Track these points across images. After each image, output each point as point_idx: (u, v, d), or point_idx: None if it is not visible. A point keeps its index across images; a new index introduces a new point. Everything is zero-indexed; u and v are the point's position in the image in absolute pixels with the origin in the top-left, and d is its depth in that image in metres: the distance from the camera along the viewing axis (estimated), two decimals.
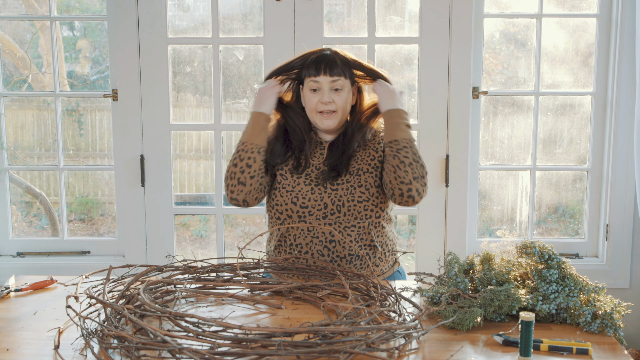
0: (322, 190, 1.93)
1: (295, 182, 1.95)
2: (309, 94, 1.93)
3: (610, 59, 2.79)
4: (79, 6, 3.33)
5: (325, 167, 1.96)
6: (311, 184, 1.94)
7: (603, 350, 1.42)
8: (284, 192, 1.94)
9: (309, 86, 1.92)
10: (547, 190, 3.10)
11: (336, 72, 1.91)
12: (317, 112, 1.92)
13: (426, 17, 2.74)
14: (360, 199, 1.92)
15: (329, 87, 1.91)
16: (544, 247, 1.62)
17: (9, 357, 1.38)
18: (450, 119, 2.78)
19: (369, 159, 1.97)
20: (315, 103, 1.92)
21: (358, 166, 1.95)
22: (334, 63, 1.91)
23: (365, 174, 1.94)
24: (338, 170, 1.93)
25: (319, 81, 1.91)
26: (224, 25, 2.94)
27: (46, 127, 3.54)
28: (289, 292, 1.69)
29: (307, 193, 1.93)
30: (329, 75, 1.90)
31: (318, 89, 1.91)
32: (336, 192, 1.92)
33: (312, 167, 1.97)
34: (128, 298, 1.51)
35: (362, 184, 1.93)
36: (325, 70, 1.90)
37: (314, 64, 1.92)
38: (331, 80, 1.90)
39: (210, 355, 1.20)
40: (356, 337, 1.27)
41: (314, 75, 1.91)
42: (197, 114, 3.64)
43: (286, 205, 1.94)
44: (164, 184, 2.85)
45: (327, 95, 1.91)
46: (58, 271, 2.79)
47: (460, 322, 1.49)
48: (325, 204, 1.91)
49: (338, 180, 1.93)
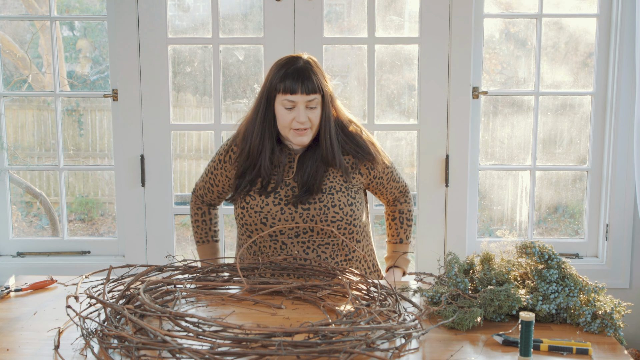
0: (292, 210, 1.84)
1: (263, 202, 1.86)
2: (281, 110, 1.81)
3: (610, 59, 2.79)
4: (79, 6, 3.33)
5: (295, 183, 1.86)
6: (280, 204, 1.85)
7: (603, 350, 1.41)
8: (252, 212, 1.87)
9: (283, 104, 1.81)
10: (547, 190, 3.10)
11: (312, 88, 1.79)
12: (291, 128, 1.83)
13: (426, 17, 2.74)
14: (334, 219, 1.85)
15: (304, 105, 1.80)
16: (544, 247, 1.62)
17: (9, 357, 1.38)
18: (450, 119, 2.78)
19: (341, 179, 1.90)
20: (289, 121, 1.81)
21: (330, 184, 1.87)
22: (309, 78, 1.79)
23: (338, 193, 1.87)
24: (311, 191, 1.84)
25: (295, 100, 1.79)
26: (224, 25, 2.94)
27: (46, 127, 3.55)
28: (289, 292, 1.69)
29: (276, 213, 1.85)
30: (305, 93, 1.79)
31: (293, 107, 1.80)
32: (308, 212, 1.84)
33: (281, 184, 1.87)
34: (128, 298, 1.51)
35: (336, 204, 1.85)
36: (302, 88, 1.78)
37: (290, 79, 1.79)
38: (308, 99, 1.80)
39: (211, 355, 1.20)
40: (356, 337, 1.27)
41: (290, 93, 1.79)
42: (197, 114, 3.64)
43: (256, 226, 1.87)
44: (164, 184, 2.85)
45: (303, 114, 1.80)
46: (58, 271, 2.79)
47: (460, 322, 1.49)
48: (296, 223, 1.85)
49: (304, 202, 1.84)
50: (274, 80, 1.82)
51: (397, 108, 3.11)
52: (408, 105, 3.10)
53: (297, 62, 1.83)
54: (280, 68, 1.83)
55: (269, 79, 1.85)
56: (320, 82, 1.82)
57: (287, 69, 1.81)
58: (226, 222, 3.04)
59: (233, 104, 3.24)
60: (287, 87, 1.79)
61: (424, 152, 2.81)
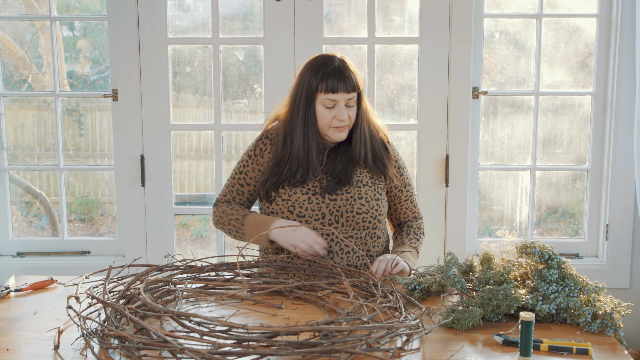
0: (319, 200, 1.89)
1: (291, 190, 1.90)
2: (322, 108, 1.85)
3: (610, 59, 2.79)
4: (79, 6, 3.33)
5: (323, 175, 1.92)
6: (308, 193, 1.89)
7: (603, 350, 1.42)
8: (279, 200, 1.90)
9: (324, 103, 1.84)
10: (547, 190, 3.10)
11: (351, 87, 1.84)
12: (331, 126, 1.87)
13: (426, 17, 2.74)
14: (359, 210, 1.89)
15: (344, 103, 1.85)
16: (544, 247, 1.62)
17: (9, 357, 1.38)
18: (450, 119, 2.78)
19: (368, 173, 1.95)
20: (329, 119, 1.85)
21: (357, 178, 1.92)
22: (349, 77, 1.84)
23: (365, 186, 1.92)
24: (341, 182, 1.89)
25: (337, 99, 1.84)
26: (224, 25, 2.94)
27: (46, 127, 3.54)
28: (289, 292, 1.69)
29: (304, 202, 1.89)
30: (346, 92, 1.83)
31: (334, 105, 1.84)
32: (335, 203, 1.88)
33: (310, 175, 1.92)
34: (128, 298, 1.51)
35: (362, 196, 1.90)
36: (343, 87, 1.82)
37: (331, 78, 1.83)
38: (348, 97, 1.85)
39: (211, 355, 1.20)
40: (358, 337, 1.27)
41: (333, 92, 1.83)
42: (197, 114, 3.63)
43: (282, 215, 1.90)
44: (164, 184, 2.85)
45: (344, 112, 1.84)
46: (58, 271, 2.79)
47: (458, 321, 1.49)
48: (323, 214, 1.88)
49: (337, 190, 1.90)
50: (313, 80, 1.85)
51: (397, 108, 3.11)
52: (408, 105, 3.10)
53: (333, 61, 1.86)
54: (318, 68, 1.85)
55: (305, 79, 1.87)
56: (357, 80, 1.87)
57: (325, 69, 1.84)
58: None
59: (233, 104, 3.24)
60: (328, 87, 1.83)
61: (424, 152, 2.81)
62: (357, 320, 1.38)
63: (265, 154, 1.97)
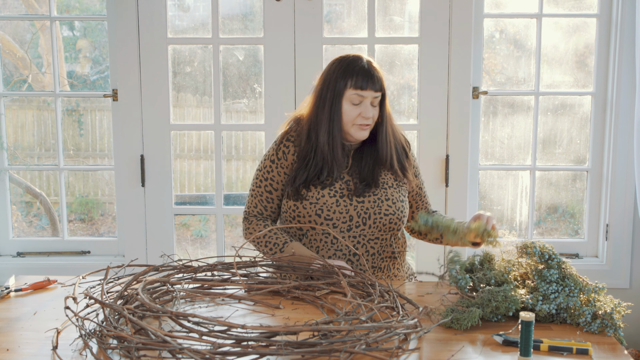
0: (347, 203, 1.89)
1: (319, 193, 1.89)
2: (349, 105, 1.86)
3: (610, 59, 2.79)
4: (79, 6, 3.33)
5: (349, 177, 1.92)
6: (336, 196, 1.89)
7: (603, 350, 1.41)
8: (307, 204, 1.89)
9: (351, 99, 1.85)
10: (547, 190, 3.10)
11: (379, 86, 1.86)
12: (355, 124, 1.87)
13: (426, 18, 2.74)
14: (387, 212, 1.90)
15: (370, 101, 1.86)
16: (544, 247, 1.62)
17: (9, 357, 1.38)
18: (450, 119, 2.78)
19: (392, 176, 1.96)
20: (354, 116, 1.86)
21: (382, 180, 1.93)
22: (377, 77, 1.86)
23: (390, 188, 1.93)
24: (369, 185, 1.90)
25: (365, 96, 1.85)
26: (224, 26, 2.94)
27: (46, 127, 3.54)
28: (287, 292, 1.69)
29: (332, 205, 1.88)
30: (374, 90, 1.85)
31: (360, 102, 1.86)
32: (362, 205, 1.89)
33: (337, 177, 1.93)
34: (126, 298, 1.51)
35: (389, 198, 1.91)
36: (371, 84, 1.84)
37: (361, 75, 1.84)
38: (375, 96, 1.86)
39: (211, 355, 1.20)
40: (357, 337, 1.27)
41: (361, 89, 1.84)
42: (197, 114, 3.63)
43: (310, 217, 1.89)
44: (164, 184, 2.85)
45: (370, 110, 1.86)
46: (58, 271, 2.79)
47: (457, 321, 1.49)
48: (350, 216, 1.88)
49: (365, 192, 1.90)
50: (341, 77, 1.86)
51: (397, 108, 3.11)
52: (408, 105, 3.10)
53: (362, 60, 1.89)
54: (347, 65, 1.87)
55: (333, 76, 1.88)
56: (383, 81, 1.89)
57: (354, 66, 1.86)
58: (226, 222, 3.04)
59: (233, 104, 3.24)
60: (358, 83, 1.84)
61: (424, 152, 2.81)
62: (355, 320, 1.38)
63: (289, 156, 1.95)
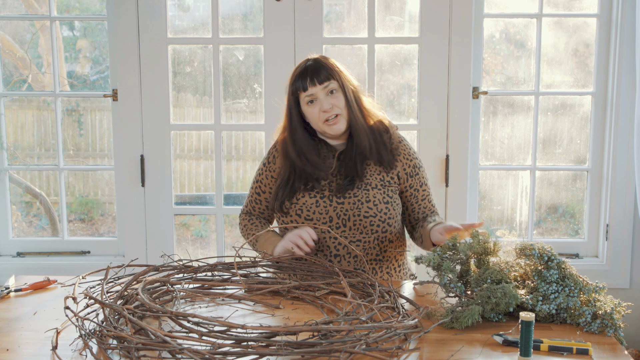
0: (327, 204, 1.90)
1: (300, 194, 1.93)
2: (307, 108, 1.91)
3: (610, 59, 2.79)
4: (79, 6, 3.33)
5: (334, 178, 1.93)
6: (316, 197, 1.91)
7: (603, 350, 1.41)
8: (287, 204, 1.93)
9: (305, 101, 1.91)
10: (547, 190, 3.10)
11: (323, 77, 1.89)
12: (322, 121, 1.90)
13: (426, 17, 2.74)
14: (366, 214, 1.89)
15: (324, 93, 1.89)
16: (543, 249, 1.61)
17: (8, 357, 1.38)
18: (450, 119, 2.78)
19: (378, 175, 1.95)
20: (317, 114, 1.90)
21: (367, 180, 1.92)
22: (317, 70, 1.89)
23: (374, 189, 1.91)
24: (353, 179, 1.90)
25: (313, 93, 1.89)
26: (224, 25, 2.94)
27: (46, 127, 3.54)
28: (287, 292, 1.69)
29: (311, 206, 1.90)
30: (318, 84, 1.88)
31: (314, 100, 1.90)
32: (342, 206, 1.89)
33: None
34: (126, 298, 1.51)
35: (370, 199, 1.90)
36: (312, 80, 1.88)
37: (300, 79, 1.90)
38: (322, 88, 1.89)
39: (211, 355, 1.19)
40: (357, 337, 1.27)
41: (303, 90, 1.90)
42: (197, 114, 3.63)
43: (291, 218, 1.92)
44: (164, 184, 2.85)
45: (325, 102, 1.89)
46: (58, 271, 2.79)
47: (457, 319, 1.48)
48: (330, 217, 1.89)
49: (345, 193, 1.90)
50: (292, 85, 1.94)
51: (397, 108, 3.11)
52: (408, 105, 3.10)
53: (306, 62, 1.94)
54: (293, 73, 1.95)
55: (288, 88, 1.96)
56: (330, 71, 1.90)
57: (297, 72, 1.93)
58: (226, 222, 3.04)
59: (233, 104, 3.24)
60: (300, 85, 1.90)
61: (424, 152, 2.80)
62: (355, 320, 1.38)
63: (277, 161, 2.02)
